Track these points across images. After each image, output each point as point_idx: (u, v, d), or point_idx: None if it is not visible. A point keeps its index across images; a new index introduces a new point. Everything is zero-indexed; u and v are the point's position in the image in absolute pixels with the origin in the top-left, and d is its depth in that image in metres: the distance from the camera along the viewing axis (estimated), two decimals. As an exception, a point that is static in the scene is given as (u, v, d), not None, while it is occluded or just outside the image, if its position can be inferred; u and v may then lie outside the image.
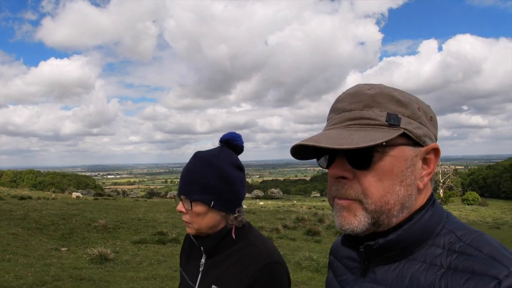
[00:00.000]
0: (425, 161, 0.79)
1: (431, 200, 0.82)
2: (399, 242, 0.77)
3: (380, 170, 0.75)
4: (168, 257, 8.30)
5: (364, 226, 0.76)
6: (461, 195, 67.83)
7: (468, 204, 57.24)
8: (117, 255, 7.98)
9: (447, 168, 73.45)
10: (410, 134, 0.76)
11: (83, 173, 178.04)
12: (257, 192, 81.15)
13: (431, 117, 0.82)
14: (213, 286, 1.28)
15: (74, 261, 7.39)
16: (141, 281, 6.19)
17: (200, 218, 1.29)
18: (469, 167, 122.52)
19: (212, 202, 1.27)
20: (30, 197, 18.54)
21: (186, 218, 1.31)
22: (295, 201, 58.13)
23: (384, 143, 0.73)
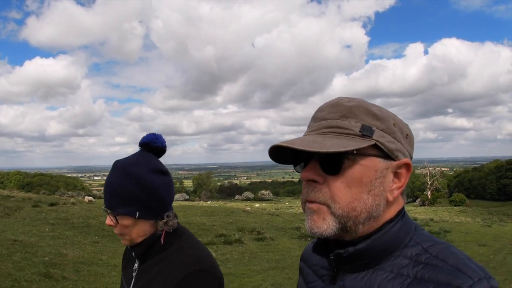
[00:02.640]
0: (396, 175, 0.82)
1: (401, 213, 0.85)
2: (368, 251, 0.80)
3: (349, 177, 0.78)
4: (251, 253, 9.76)
5: (332, 230, 0.79)
6: (448, 197, 69.94)
7: (455, 205, 59.35)
8: (220, 255, 9.18)
9: (432, 170, 75.38)
10: (382, 147, 0.79)
11: (69, 174, 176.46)
12: (247, 194, 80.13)
13: (407, 134, 0.85)
14: None
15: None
16: (258, 274, 7.83)
17: (129, 229, 1.26)
18: (455, 169, 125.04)
19: (137, 213, 1.23)
20: (57, 203, 18.87)
21: (116, 231, 1.29)
22: (287, 203, 59.34)
23: (354, 151, 0.77)
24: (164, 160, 1.36)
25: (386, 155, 0.81)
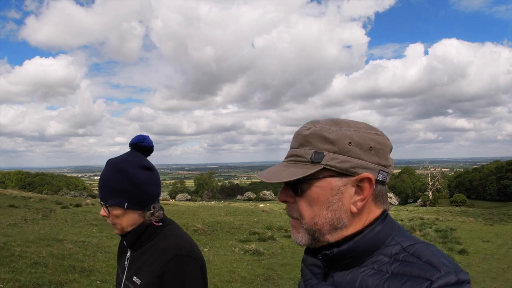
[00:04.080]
0: (359, 188, 0.90)
1: (382, 216, 0.94)
2: (351, 251, 0.91)
3: (309, 198, 0.91)
4: (290, 248, 10.69)
5: (306, 240, 0.94)
6: (449, 197, 70.58)
7: (456, 206, 60.12)
8: (264, 249, 10.14)
9: (433, 170, 75.92)
10: (333, 168, 0.89)
11: (70, 174, 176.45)
12: (249, 194, 78.60)
13: (371, 147, 0.91)
14: (134, 277, 1.41)
15: (242, 256, 9.46)
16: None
17: (120, 219, 1.42)
18: (455, 170, 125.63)
19: (126, 203, 1.39)
20: (81, 204, 19.60)
21: (109, 221, 1.46)
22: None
23: (301, 178, 0.89)
24: (165, 160, 2.05)
25: (341, 173, 0.90)
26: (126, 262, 1.50)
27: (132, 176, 1.40)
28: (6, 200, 18.54)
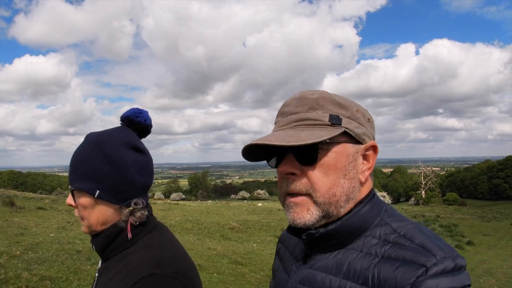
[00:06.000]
0: (365, 157, 0.88)
1: (370, 194, 0.89)
2: (338, 232, 0.84)
3: (325, 165, 0.82)
4: None
5: (316, 219, 0.83)
6: (442, 196, 72.05)
7: (449, 204, 61.68)
8: None
9: (424, 170, 77.36)
10: (351, 133, 0.84)
11: (61, 173, 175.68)
12: (243, 193, 78.39)
13: (369, 118, 0.91)
14: None
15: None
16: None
17: (88, 212, 1.04)
18: (446, 169, 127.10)
19: (97, 191, 1.01)
20: None
21: (76, 213, 1.08)
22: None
23: (327, 140, 0.81)
24: (156, 159, 1.20)
25: (355, 140, 0.86)
26: (96, 273, 1.16)
27: (111, 154, 1.04)
28: (24, 202, 18.39)
